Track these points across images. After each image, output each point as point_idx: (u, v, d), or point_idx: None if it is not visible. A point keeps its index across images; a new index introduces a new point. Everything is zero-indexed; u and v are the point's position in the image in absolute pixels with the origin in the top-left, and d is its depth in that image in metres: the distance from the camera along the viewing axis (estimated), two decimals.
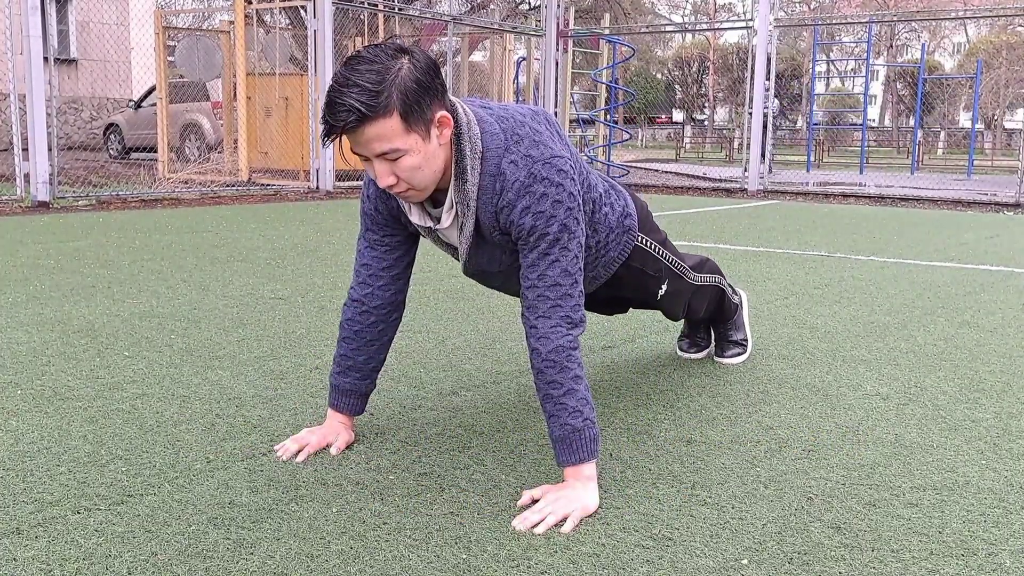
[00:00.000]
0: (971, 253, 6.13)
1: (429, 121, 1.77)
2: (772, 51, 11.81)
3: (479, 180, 1.86)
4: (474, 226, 1.92)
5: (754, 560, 1.63)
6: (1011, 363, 3.09)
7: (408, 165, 1.78)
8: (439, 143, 1.81)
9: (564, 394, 1.84)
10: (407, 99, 1.72)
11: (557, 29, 13.65)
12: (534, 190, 1.84)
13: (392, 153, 1.76)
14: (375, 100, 1.70)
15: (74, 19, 18.72)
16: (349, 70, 1.73)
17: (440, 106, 1.80)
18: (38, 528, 1.69)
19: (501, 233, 1.92)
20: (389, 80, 1.71)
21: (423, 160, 1.79)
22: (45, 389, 2.56)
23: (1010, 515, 1.85)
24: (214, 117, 14.41)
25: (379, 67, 1.72)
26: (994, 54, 33.51)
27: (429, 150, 1.79)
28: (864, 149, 19.29)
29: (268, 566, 1.57)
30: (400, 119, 1.73)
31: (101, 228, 6.59)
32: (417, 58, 1.77)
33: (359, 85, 1.70)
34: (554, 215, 1.85)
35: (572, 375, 1.85)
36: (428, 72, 1.76)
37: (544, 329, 1.86)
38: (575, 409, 1.84)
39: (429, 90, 1.76)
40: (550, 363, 1.84)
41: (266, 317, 3.58)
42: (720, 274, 2.82)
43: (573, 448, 1.85)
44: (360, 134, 1.73)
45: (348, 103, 1.70)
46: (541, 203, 1.84)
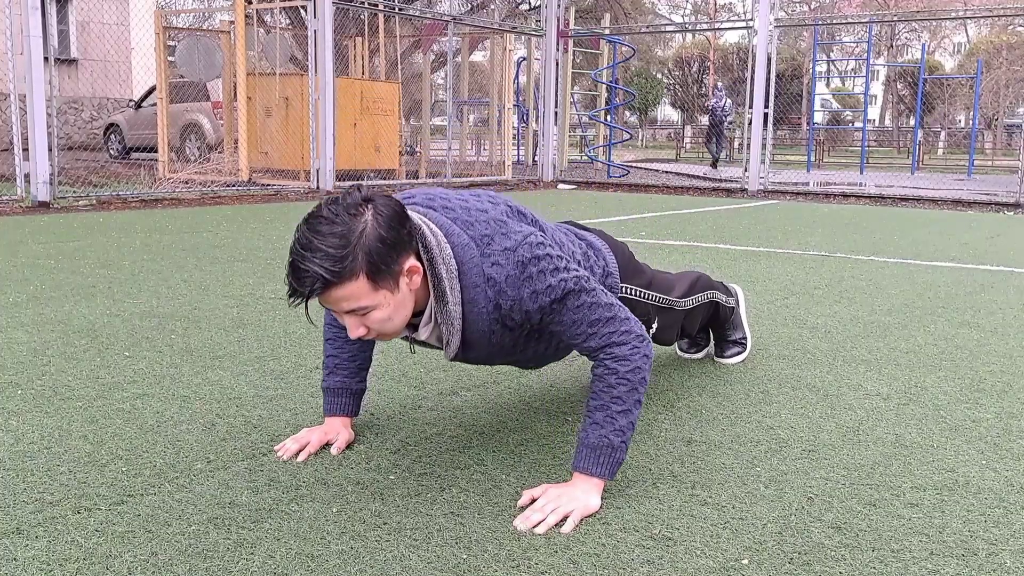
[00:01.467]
0: (971, 253, 6.12)
1: (397, 274, 1.74)
2: (772, 51, 11.80)
3: (462, 296, 1.83)
4: (461, 339, 1.89)
5: (754, 560, 1.63)
6: (1011, 363, 3.09)
7: (378, 318, 1.76)
8: (410, 289, 1.79)
9: (620, 412, 1.84)
10: (372, 259, 1.68)
11: (557, 29, 13.65)
12: (530, 274, 1.82)
13: (361, 310, 1.74)
14: (339, 265, 1.66)
15: (74, 19, 18.72)
16: (312, 232, 1.68)
17: (408, 255, 1.76)
18: (38, 528, 1.69)
19: (506, 328, 1.90)
20: (353, 242, 1.67)
21: (393, 311, 1.77)
22: (45, 389, 2.56)
23: (1010, 515, 1.85)
24: (214, 117, 14.42)
25: (341, 229, 1.67)
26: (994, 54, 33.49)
27: (399, 300, 1.77)
28: (864, 149, 19.29)
29: (268, 566, 1.57)
30: (367, 279, 1.69)
31: (101, 228, 6.59)
32: (381, 211, 1.71)
33: (321, 250, 1.65)
34: (561, 279, 1.84)
35: (636, 398, 1.86)
36: (393, 225, 1.72)
37: (622, 352, 1.85)
38: (620, 428, 1.85)
39: (395, 245, 1.72)
40: (624, 381, 1.84)
41: (266, 317, 3.58)
42: (712, 288, 2.82)
43: (600, 461, 1.84)
44: (326, 296, 1.71)
45: (312, 270, 1.66)
46: (542, 279, 1.82)
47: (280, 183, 10.87)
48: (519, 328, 1.92)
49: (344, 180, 11.05)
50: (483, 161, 15.84)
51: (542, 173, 13.88)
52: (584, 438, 1.86)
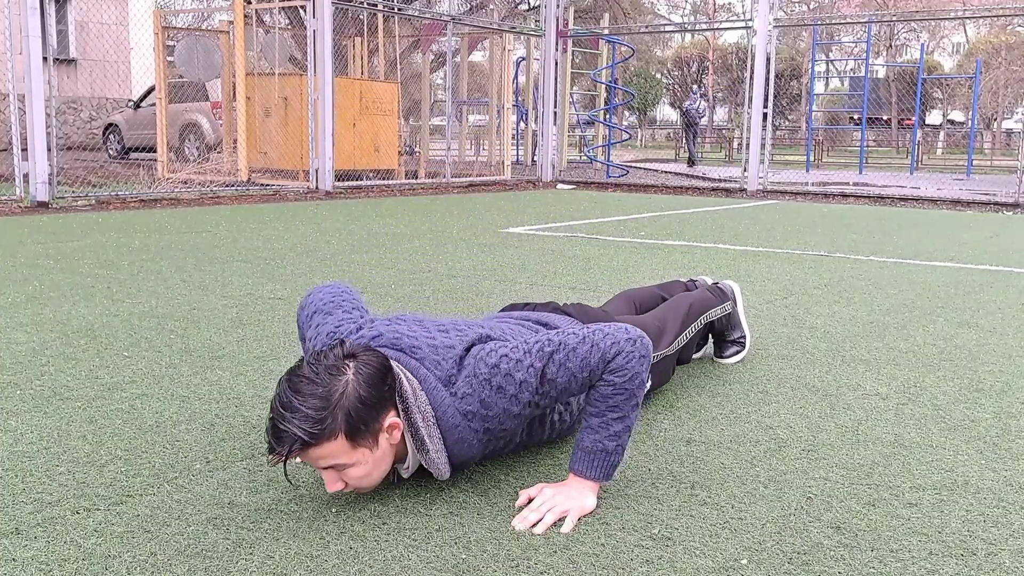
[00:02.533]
0: (970, 253, 6.13)
1: (377, 431, 1.74)
2: (771, 51, 11.81)
3: (445, 440, 1.83)
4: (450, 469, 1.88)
5: (753, 560, 1.63)
6: (1011, 363, 3.09)
7: (356, 475, 1.75)
8: (390, 444, 1.78)
9: (616, 419, 1.84)
10: (351, 419, 1.69)
11: (556, 29, 13.65)
12: (498, 384, 1.81)
13: (339, 466, 1.73)
14: (318, 427, 1.66)
15: (73, 19, 18.71)
16: (292, 393, 1.68)
17: (388, 411, 1.76)
18: (37, 528, 1.69)
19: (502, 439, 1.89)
20: (333, 403, 1.67)
21: (372, 467, 1.76)
22: (44, 389, 2.56)
23: (1009, 515, 1.85)
24: (213, 117, 14.41)
25: (322, 390, 1.67)
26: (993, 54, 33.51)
27: (378, 456, 1.76)
28: (863, 149, 19.30)
29: (267, 566, 1.57)
30: (346, 438, 1.69)
31: (100, 228, 6.59)
32: (363, 369, 1.72)
33: (301, 411, 1.66)
34: (528, 365, 1.81)
35: (634, 403, 1.85)
36: (374, 383, 1.72)
37: (618, 364, 1.83)
38: (615, 434, 1.84)
39: (376, 404, 1.72)
40: (621, 391, 1.83)
41: (265, 317, 3.58)
42: (705, 310, 2.79)
43: (594, 465, 1.84)
44: (305, 455, 1.71)
45: (291, 432, 1.66)
46: (511, 381, 1.81)
47: (279, 183, 10.86)
48: (517, 431, 1.93)
49: (343, 180, 11.05)
50: (482, 161, 15.84)
51: (541, 173, 13.88)
52: (579, 441, 1.87)
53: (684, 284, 3.06)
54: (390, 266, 4.99)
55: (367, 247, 5.80)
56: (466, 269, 4.92)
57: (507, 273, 4.81)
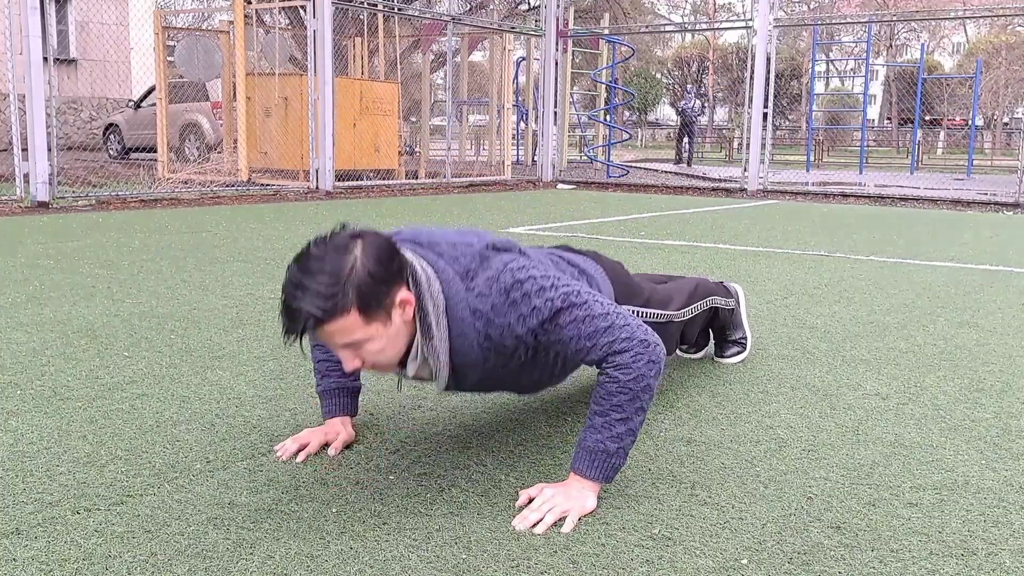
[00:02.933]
0: (971, 253, 6.13)
1: (389, 306, 1.75)
2: (771, 51, 11.81)
3: (449, 332, 1.84)
4: (449, 372, 1.89)
5: (754, 560, 1.63)
6: (1011, 363, 3.09)
7: (372, 350, 1.77)
8: (403, 321, 1.79)
9: (619, 420, 1.83)
10: (363, 294, 1.70)
11: (557, 29, 13.65)
12: (513, 299, 1.82)
13: (354, 343, 1.75)
14: (330, 303, 1.67)
15: (73, 19, 18.71)
16: (301, 272, 1.70)
17: (399, 287, 1.77)
18: (38, 528, 1.69)
19: (500, 354, 1.89)
20: (343, 280, 1.68)
21: (387, 343, 1.78)
22: (45, 389, 2.56)
23: (1010, 515, 1.85)
24: (213, 117, 14.41)
25: (331, 267, 1.69)
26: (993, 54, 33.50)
27: (392, 331, 1.77)
28: (864, 149, 19.30)
29: (268, 566, 1.57)
30: (359, 313, 1.70)
31: (100, 228, 6.59)
32: (369, 247, 1.73)
33: (311, 289, 1.67)
34: (548, 298, 1.83)
35: (638, 406, 1.84)
36: (382, 259, 1.73)
37: (624, 360, 1.82)
38: (618, 435, 1.84)
39: (386, 279, 1.73)
40: (625, 390, 1.82)
41: (266, 317, 3.58)
42: (712, 294, 2.81)
43: (595, 465, 1.84)
44: (320, 333, 1.72)
45: (304, 309, 1.67)
46: (527, 302, 1.82)
47: (279, 183, 10.86)
48: (513, 355, 1.92)
49: (343, 180, 11.05)
50: (482, 161, 15.85)
51: (541, 173, 13.88)
52: (582, 440, 1.87)
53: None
54: None
55: None
56: None
57: None
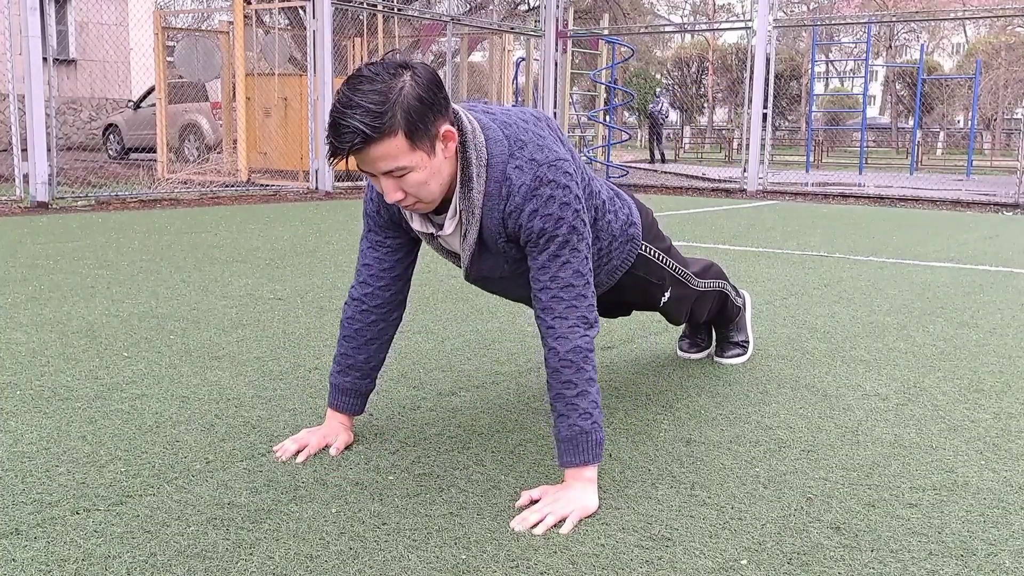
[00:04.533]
0: (970, 253, 6.13)
1: (434, 136, 1.77)
2: (771, 51, 11.81)
3: (485, 187, 1.86)
4: (478, 234, 1.92)
5: (753, 560, 1.63)
6: (1010, 363, 3.09)
7: (415, 181, 1.78)
8: (444, 156, 1.81)
9: (577, 395, 1.85)
10: (411, 117, 1.72)
11: (556, 29, 13.65)
12: (541, 193, 1.84)
13: (398, 171, 1.76)
14: (379, 121, 1.69)
15: (73, 19, 18.71)
16: (351, 90, 1.72)
17: (444, 120, 1.79)
18: (37, 529, 1.69)
19: (507, 240, 1.92)
20: (392, 99, 1.70)
21: (429, 175, 1.79)
22: (44, 390, 2.56)
23: (1009, 515, 1.85)
24: (213, 117, 14.41)
25: (381, 87, 1.71)
26: (993, 54, 33.51)
27: (435, 164, 1.79)
28: (863, 149, 19.30)
29: (267, 567, 1.57)
30: (405, 137, 1.72)
31: (100, 228, 6.59)
32: (419, 73, 1.75)
33: (362, 106, 1.69)
34: (562, 217, 1.85)
35: (587, 377, 1.85)
36: (431, 88, 1.75)
37: (562, 329, 1.86)
38: (585, 411, 1.85)
39: (433, 106, 1.75)
40: (567, 363, 1.84)
41: (265, 317, 3.58)
42: (725, 279, 2.83)
43: (579, 450, 1.85)
44: (365, 154, 1.73)
45: (352, 125, 1.69)
46: (548, 205, 1.84)
47: (279, 183, 10.87)
48: (514, 240, 1.93)
49: (343, 181, 11.04)
50: None
51: None
52: (557, 434, 1.87)
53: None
54: None
55: None
56: None
57: None
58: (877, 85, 41.17)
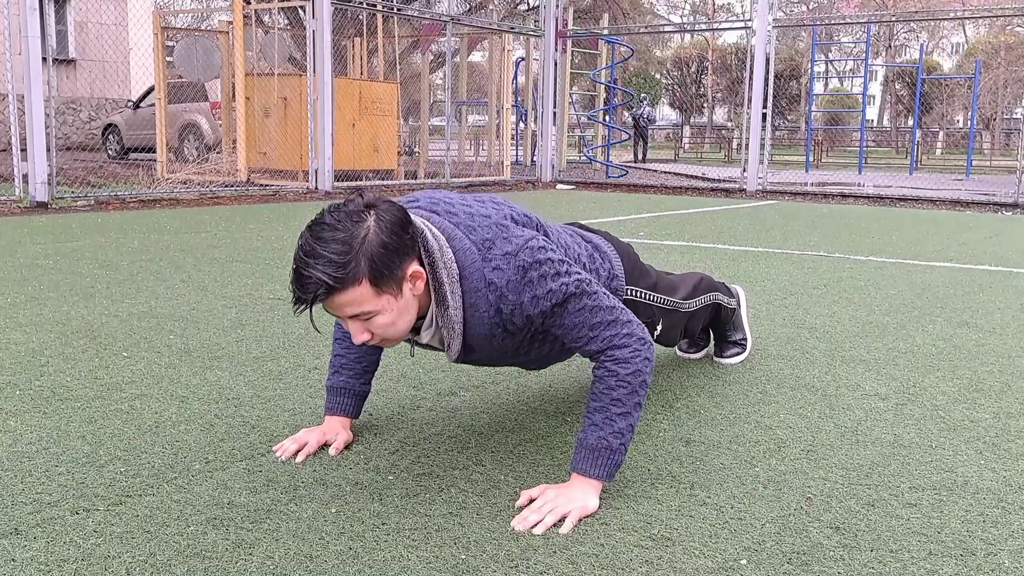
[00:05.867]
0: (970, 253, 6.13)
1: (400, 279, 1.75)
2: (771, 51, 11.81)
3: (463, 301, 1.84)
4: (462, 342, 1.89)
5: (753, 560, 1.63)
6: (1010, 363, 3.10)
7: (382, 323, 1.76)
8: (413, 295, 1.79)
9: (620, 415, 1.84)
10: (375, 264, 1.69)
11: (556, 29, 13.65)
12: (530, 278, 1.82)
13: (364, 315, 1.74)
14: (342, 272, 1.67)
15: (72, 19, 18.70)
16: (314, 239, 1.69)
17: (411, 260, 1.76)
18: (36, 529, 1.69)
19: (514, 330, 1.90)
20: (355, 248, 1.68)
21: (397, 316, 1.77)
22: (44, 390, 2.56)
23: (1009, 515, 1.85)
24: (212, 117, 14.41)
25: (343, 235, 1.68)
26: (992, 54, 33.53)
27: (402, 304, 1.77)
28: (863, 149, 19.30)
29: (267, 566, 1.57)
30: (370, 284, 1.70)
31: (99, 228, 6.59)
32: (383, 216, 1.72)
33: (324, 256, 1.67)
34: (562, 283, 1.84)
35: (636, 401, 1.86)
36: (395, 231, 1.72)
37: (623, 356, 1.85)
38: (619, 431, 1.85)
39: (398, 250, 1.73)
40: (624, 384, 1.84)
41: (265, 318, 3.58)
42: (715, 290, 2.82)
43: (597, 463, 1.84)
44: (330, 302, 1.72)
45: (315, 276, 1.67)
46: (543, 284, 1.83)
47: (278, 183, 10.86)
48: (521, 331, 1.92)
49: (343, 180, 11.04)
50: (482, 161, 15.84)
51: (541, 173, 13.88)
52: (583, 439, 1.86)
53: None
54: None
55: None
56: None
57: None
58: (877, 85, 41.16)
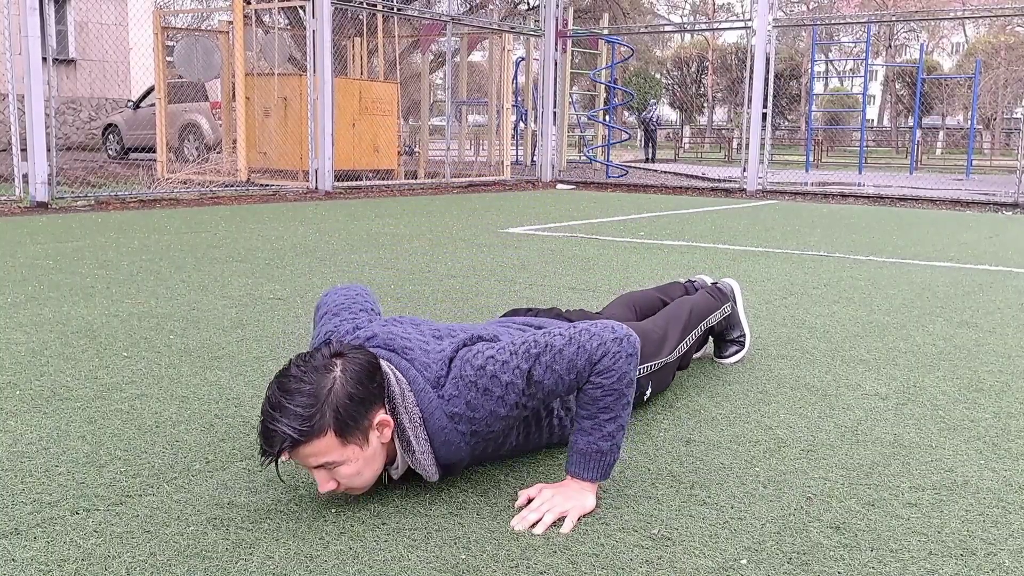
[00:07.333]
0: (970, 253, 6.13)
1: (367, 428, 1.74)
2: (771, 51, 11.81)
3: (432, 441, 1.83)
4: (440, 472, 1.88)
5: (753, 560, 1.63)
6: (1010, 363, 3.10)
7: (347, 473, 1.75)
8: (381, 443, 1.79)
9: (609, 419, 1.83)
10: (340, 416, 1.69)
11: (556, 29, 13.65)
12: (484, 386, 1.80)
13: (330, 464, 1.74)
14: (307, 424, 1.67)
15: (72, 19, 18.71)
16: (281, 391, 1.69)
17: (377, 409, 1.76)
18: (37, 529, 1.69)
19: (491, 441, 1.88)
20: (321, 401, 1.68)
21: (363, 465, 1.76)
22: (44, 390, 2.56)
23: (1009, 515, 1.85)
24: (213, 117, 14.41)
25: (309, 387, 1.68)
26: (992, 54, 33.53)
27: (368, 454, 1.76)
28: (863, 149, 19.30)
29: (267, 566, 1.57)
30: (335, 435, 1.70)
31: (100, 228, 6.59)
32: (349, 366, 1.73)
33: (289, 410, 1.67)
34: (515, 367, 1.80)
35: (624, 402, 1.84)
36: (362, 380, 1.73)
37: (604, 366, 1.82)
38: (609, 434, 1.84)
39: (364, 400, 1.73)
40: (611, 393, 1.82)
41: (265, 317, 3.58)
42: (704, 316, 2.79)
43: (589, 466, 1.84)
44: (295, 454, 1.71)
45: (280, 431, 1.67)
46: (498, 381, 1.80)
47: (279, 183, 10.86)
48: (507, 435, 1.94)
49: (343, 180, 11.04)
50: (482, 161, 15.85)
51: (541, 173, 13.88)
52: (573, 443, 1.86)
53: (683, 286, 3.05)
54: (390, 266, 4.99)
55: (367, 247, 5.80)
56: (465, 269, 4.92)
57: (507, 273, 4.81)
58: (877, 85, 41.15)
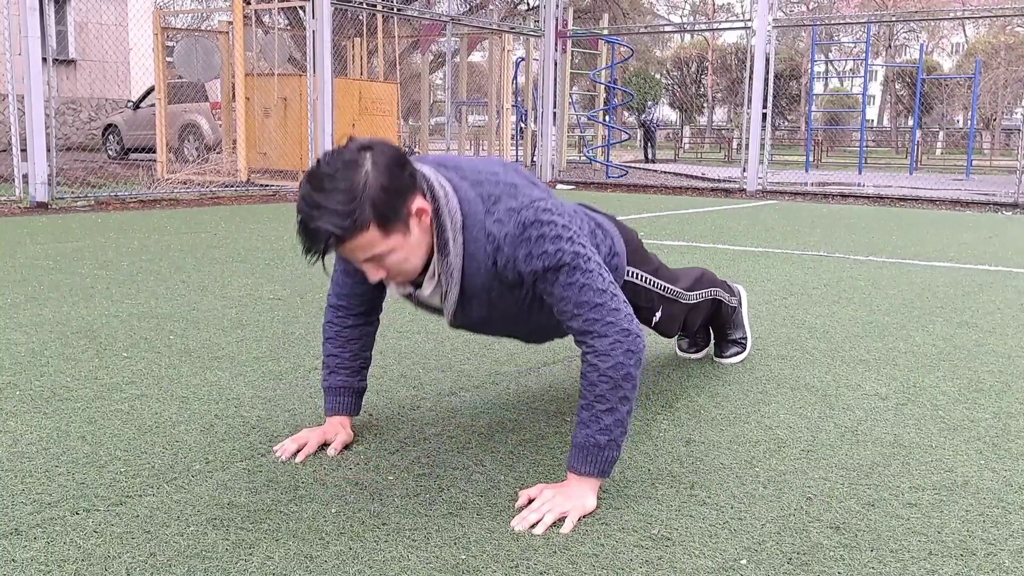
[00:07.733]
0: (970, 253, 6.13)
1: (406, 216, 1.76)
2: (771, 51, 11.81)
3: (463, 249, 1.85)
4: (459, 293, 1.90)
5: (753, 560, 1.63)
6: (1010, 363, 3.10)
7: (394, 261, 1.78)
8: (420, 231, 1.81)
9: (605, 411, 1.83)
10: (379, 208, 1.70)
11: (556, 29, 13.65)
12: (528, 236, 1.83)
13: (377, 256, 1.76)
14: (348, 220, 1.68)
15: (72, 20, 18.71)
16: (315, 190, 1.70)
17: (414, 196, 1.78)
18: (37, 529, 1.69)
19: (507, 288, 1.90)
20: (358, 196, 1.68)
21: (409, 252, 1.80)
22: (44, 390, 2.56)
23: (1009, 515, 1.85)
24: (212, 118, 14.41)
25: (344, 184, 1.69)
26: (992, 54, 33.53)
27: (411, 242, 1.79)
28: (863, 149, 19.30)
29: (267, 567, 1.57)
30: (377, 228, 1.72)
31: (99, 229, 6.59)
32: (379, 159, 1.72)
33: (328, 208, 1.68)
34: (559, 249, 1.83)
35: (621, 395, 1.84)
36: (393, 171, 1.73)
37: (602, 347, 1.83)
38: (606, 428, 1.84)
39: (399, 190, 1.74)
40: (606, 379, 1.82)
41: (265, 318, 3.58)
42: (716, 286, 2.82)
43: (587, 460, 1.84)
44: (340, 249, 1.73)
45: (323, 229, 1.69)
46: (540, 244, 1.83)
47: (278, 183, 10.86)
48: (518, 288, 1.92)
49: None
50: None
51: (541, 173, 13.87)
52: (573, 437, 1.87)
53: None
54: None
55: None
56: None
57: None
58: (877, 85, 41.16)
